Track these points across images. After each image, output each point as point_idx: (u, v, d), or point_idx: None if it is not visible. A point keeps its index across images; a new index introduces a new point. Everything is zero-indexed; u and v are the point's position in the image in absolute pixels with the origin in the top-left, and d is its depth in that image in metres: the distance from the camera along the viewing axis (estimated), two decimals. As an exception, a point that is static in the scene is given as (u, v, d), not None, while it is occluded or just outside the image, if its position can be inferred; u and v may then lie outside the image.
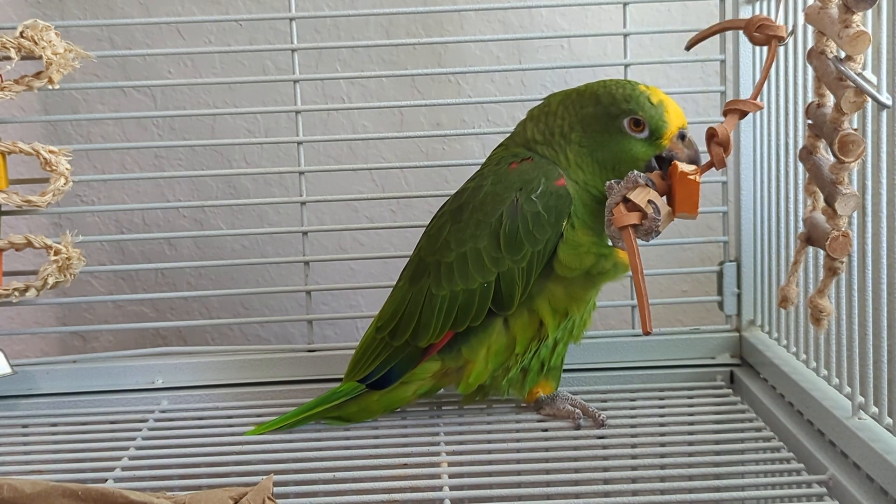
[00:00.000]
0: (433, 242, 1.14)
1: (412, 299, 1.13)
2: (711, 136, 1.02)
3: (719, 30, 1.11)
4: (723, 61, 1.35)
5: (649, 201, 1.00)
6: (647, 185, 1.02)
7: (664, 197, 1.03)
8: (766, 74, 1.02)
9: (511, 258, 1.08)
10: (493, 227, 1.09)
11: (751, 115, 1.31)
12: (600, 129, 1.09)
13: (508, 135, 1.19)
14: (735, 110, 1.03)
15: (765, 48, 1.06)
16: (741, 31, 1.07)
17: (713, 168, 1.04)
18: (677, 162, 1.04)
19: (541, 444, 1.12)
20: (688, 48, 1.12)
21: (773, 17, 1.03)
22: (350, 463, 1.08)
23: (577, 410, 1.18)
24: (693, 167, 1.03)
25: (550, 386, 1.20)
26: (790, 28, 1.12)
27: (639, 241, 1.01)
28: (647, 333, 0.99)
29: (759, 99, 1.04)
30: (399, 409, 1.26)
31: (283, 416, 1.19)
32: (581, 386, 1.32)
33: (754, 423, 1.17)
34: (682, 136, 1.09)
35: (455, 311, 1.11)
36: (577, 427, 1.16)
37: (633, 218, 1.00)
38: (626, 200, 1.01)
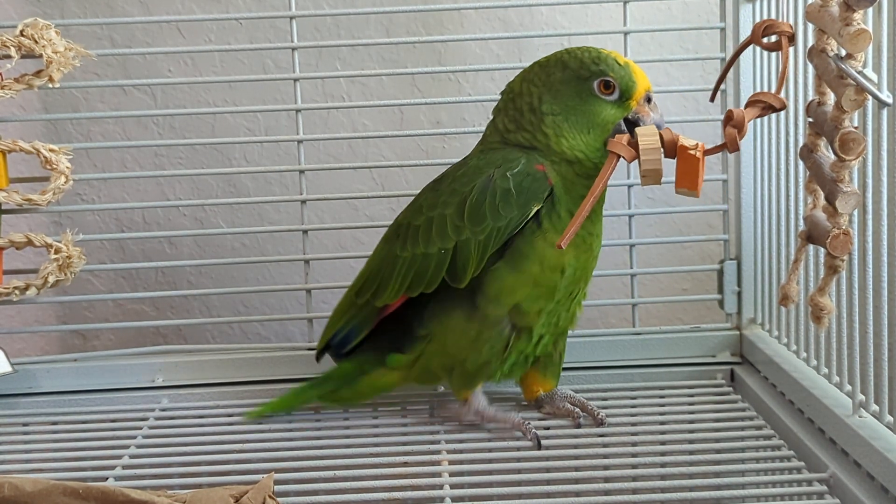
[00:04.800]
0: (410, 207, 1.15)
1: (379, 257, 1.15)
2: (728, 118, 1.00)
3: (734, 59, 1.10)
4: (723, 59, 1.35)
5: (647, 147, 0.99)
6: (658, 138, 1.00)
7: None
8: (784, 74, 1.02)
9: (471, 228, 1.07)
10: (462, 195, 1.08)
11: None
12: (570, 93, 1.08)
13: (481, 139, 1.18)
14: (758, 102, 1.00)
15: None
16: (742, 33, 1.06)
17: (725, 150, 1.01)
18: (680, 136, 1.01)
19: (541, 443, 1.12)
20: (712, 100, 1.15)
21: (777, 18, 1.03)
22: (350, 461, 1.09)
23: (577, 409, 1.17)
24: (693, 142, 1.00)
25: (550, 383, 1.20)
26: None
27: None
28: (558, 247, 0.99)
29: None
30: (399, 408, 1.26)
31: (280, 399, 1.21)
32: (581, 384, 1.32)
33: (755, 421, 1.17)
34: (648, 99, 1.10)
35: (411, 275, 1.11)
36: (578, 426, 1.16)
37: (624, 150, 1.00)
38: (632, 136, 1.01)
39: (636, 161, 1.01)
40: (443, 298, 1.12)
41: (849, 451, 1.00)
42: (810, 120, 0.99)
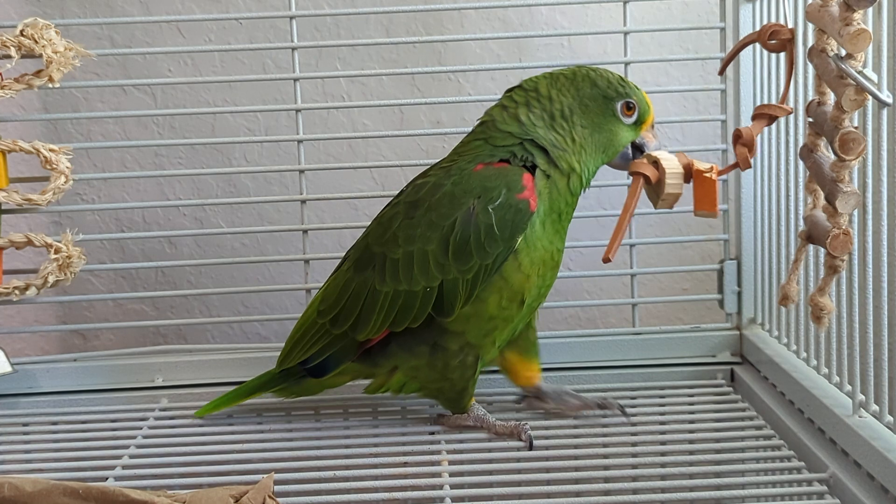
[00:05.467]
0: (382, 232, 1.11)
1: (355, 289, 1.11)
2: (737, 137, 1.03)
3: (741, 47, 1.11)
4: (722, 59, 1.35)
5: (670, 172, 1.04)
6: (679, 163, 1.05)
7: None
8: (789, 79, 1.03)
9: (458, 267, 1.05)
10: (444, 231, 1.06)
11: (751, 113, 1.31)
12: (597, 110, 1.10)
13: (485, 122, 1.16)
14: (763, 115, 1.04)
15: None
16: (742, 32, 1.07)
17: (738, 168, 1.05)
18: (694, 161, 1.05)
19: (541, 443, 1.12)
20: (721, 73, 1.18)
21: (777, 18, 1.04)
22: (350, 462, 1.09)
23: (588, 401, 1.18)
24: (707, 165, 1.04)
25: (535, 364, 1.19)
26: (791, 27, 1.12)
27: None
28: (605, 260, 1.02)
29: (786, 103, 1.05)
30: (399, 408, 1.26)
31: (225, 396, 1.22)
32: (581, 384, 1.31)
33: (755, 421, 1.17)
34: (651, 125, 1.14)
35: (395, 311, 1.08)
36: (602, 409, 1.17)
37: (648, 170, 1.04)
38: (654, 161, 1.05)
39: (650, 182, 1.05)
40: (403, 332, 1.11)
41: (849, 451, 1.00)
42: (810, 120, 0.99)
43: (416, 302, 1.07)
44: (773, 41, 1.04)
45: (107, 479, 1.05)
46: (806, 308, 1.11)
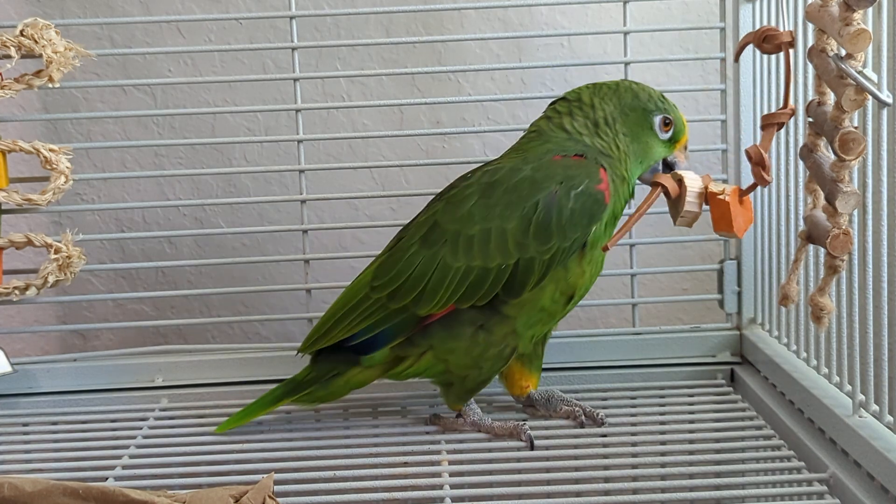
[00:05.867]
0: (454, 210, 1.10)
1: (423, 263, 1.09)
2: (749, 157, 1.06)
3: (745, 43, 1.11)
4: (723, 59, 1.35)
5: (692, 190, 1.08)
6: (703, 184, 1.09)
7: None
8: (788, 81, 1.03)
9: (537, 247, 1.06)
10: (525, 211, 1.07)
11: (751, 113, 1.32)
12: (637, 120, 1.13)
13: (534, 133, 1.16)
14: (771, 124, 1.05)
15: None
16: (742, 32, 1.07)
17: (758, 187, 1.08)
18: (711, 181, 1.09)
19: (541, 443, 1.12)
20: (735, 60, 1.18)
21: (777, 18, 1.04)
22: (350, 462, 1.08)
23: (578, 409, 1.17)
24: (721, 187, 1.08)
25: (535, 377, 1.20)
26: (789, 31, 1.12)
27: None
28: (604, 249, 1.08)
29: (784, 105, 1.05)
30: (399, 408, 1.26)
31: (245, 409, 1.18)
32: (581, 384, 1.31)
33: (755, 421, 1.17)
34: (685, 146, 1.16)
35: (465, 287, 1.08)
36: (581, 425, 1.16)
37: (669, 182, 1.09)
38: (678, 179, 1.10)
39: (670, 198, 1.10)
40: (450, 314, 1.10)
41: (849, 451, 1.00)
42: (810, 120, 0.99)
43: (488, 278, 1.08)
44: (768, 44, 1.04)
45: (107, 479, 1.05)
46: (806, 308, 1.11)
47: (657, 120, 1.13)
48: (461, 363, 1.11)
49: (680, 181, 1.09)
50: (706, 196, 1.08)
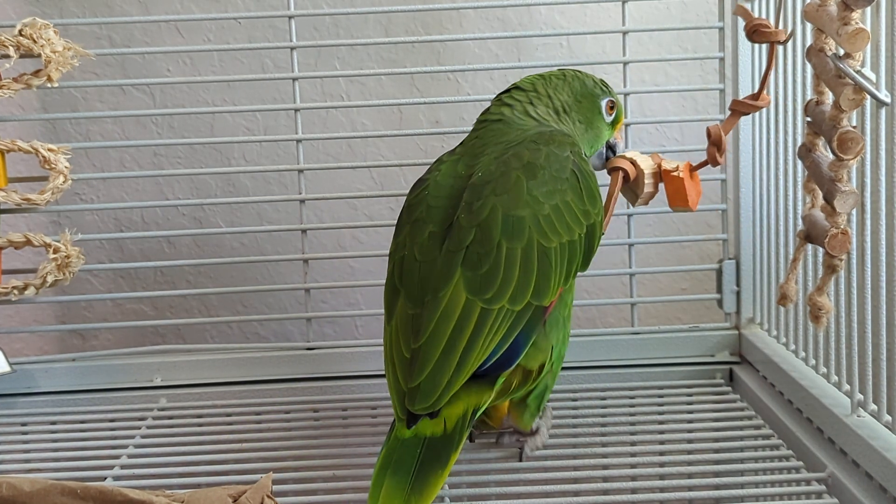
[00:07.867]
0: (515, 199, 1.03)
1: (524, 256, 1.02)
2: (708, 135, 1.07)
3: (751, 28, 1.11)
4: (722, 59, 1.35)
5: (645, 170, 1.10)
6: (654, 163, 1.11)
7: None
8: (766, 76, 1.03)
9: (594, 210, 1.06)
10: (570, 181, 1.05)
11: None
12: (588, 106, 1.14)
13: (498, 122, 1.12)
14: (736, 112, 1.07)
15: (764, 45, 1.07)
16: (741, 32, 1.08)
17: (708, 165, 1.09)
18: (662, 160, 1.11)
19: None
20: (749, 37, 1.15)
21: (771, 17, 1.04)
22: (350, 461, 1.08)
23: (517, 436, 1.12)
24: (675, 164, 1.09)
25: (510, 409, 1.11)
26: (788, 29, 1.12)
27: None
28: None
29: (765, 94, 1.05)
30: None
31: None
32: (580, 384, 1.32)
33: (753, 420, 1.17)
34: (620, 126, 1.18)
35: (565, 262, 1.04)
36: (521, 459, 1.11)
37: (627, 165, 1.10)
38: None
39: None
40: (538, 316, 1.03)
41: (847, 451, 1.00)
42: (809, 119, 0.99)
43: (577, 250, 1.05)
44: (758, 37, 1.04)
45: (105, 478, 1.05)
46: (805, 307, 1.11)
47: (604, 104, 1.14)
48: (559, 357, 1.07)
49: (633, 162, 1.10)
50: (660, 174, 1.10)
